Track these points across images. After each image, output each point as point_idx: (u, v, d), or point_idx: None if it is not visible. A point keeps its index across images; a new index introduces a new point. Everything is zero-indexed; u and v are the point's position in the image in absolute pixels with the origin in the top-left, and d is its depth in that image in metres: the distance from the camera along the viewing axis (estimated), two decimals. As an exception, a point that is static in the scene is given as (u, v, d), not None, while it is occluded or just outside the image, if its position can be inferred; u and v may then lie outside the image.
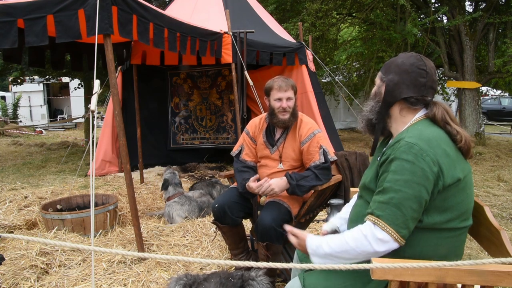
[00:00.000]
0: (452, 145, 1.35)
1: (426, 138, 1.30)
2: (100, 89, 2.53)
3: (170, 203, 3.94)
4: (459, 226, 1.35)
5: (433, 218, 1.31)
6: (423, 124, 1.40)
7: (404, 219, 1.24)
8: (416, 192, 1.24)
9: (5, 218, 3.74)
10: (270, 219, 2.29)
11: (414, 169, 1.25)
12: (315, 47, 9.44)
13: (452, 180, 1.28)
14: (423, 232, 1.33)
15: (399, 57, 1.48)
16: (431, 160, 1.25)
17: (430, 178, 1.25)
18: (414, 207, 1.25)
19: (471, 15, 8.55)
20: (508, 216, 4.05)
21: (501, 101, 17.96)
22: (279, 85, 2.48)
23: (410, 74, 1.42)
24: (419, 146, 1.27)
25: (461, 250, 1.43)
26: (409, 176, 1.25)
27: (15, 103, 18.52)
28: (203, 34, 4.50)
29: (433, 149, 1.27)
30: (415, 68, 1.42)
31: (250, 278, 1.50)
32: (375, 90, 1.52)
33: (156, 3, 12.06)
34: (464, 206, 1.34)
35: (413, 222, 1.27)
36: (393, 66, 1.47)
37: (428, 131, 1.35)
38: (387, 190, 1.29)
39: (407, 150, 1.28)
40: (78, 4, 2.83)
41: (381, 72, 1.51)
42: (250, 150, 2.67)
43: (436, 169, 1.25)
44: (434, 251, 1.34)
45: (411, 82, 1.42)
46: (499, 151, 8.30)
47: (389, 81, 1.46)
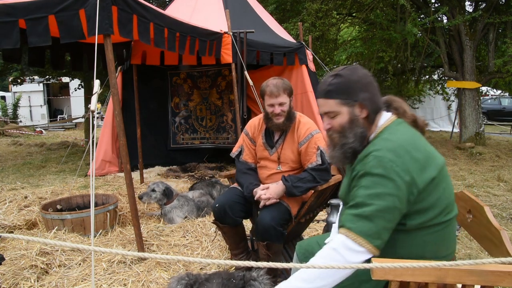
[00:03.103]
0: (420, 143, 1.36)
1: (392, 149, 1.30)
2: (100, 89, 2.54)
3: (170, 208, 3.92)
4: (443, 220, 1.35)
5: (416, 220, 1.32)
6: (391, 130, 1.41)
7: (376, 229, 1.24)
8: (389, 203, 1.25)
9: (5, 218, 3.74)
10: (270, 218, 2.29)
11: (384, 182, 1.26)
12: (315, 47, 9.43)
13: (425, 183, 1.29)
14: (409, 233, 1.34)
15: (351, 75, 1.43)
16: (401, 170, 1.26)
17: (402, 187, 1.25)
18: (387, 218, 1.25)
19: (471, 15, 8.55)
20: (508, 216, 4.05)
21: (501, 101, 17.96)
22: (270, 91, 2.44)
23: (371, 83, 1.46)
24: (387, 158, 1.28)
25: (451, 241, 1.43)
26: (381, 189, 1.26)
27: (15, 103, 18.52)
28: (203, 34, 4.50)
29: (401, 158, 1.27)
30: (369, 77, 1.46)
31: (252, 279, 1.50)
32: (349, 118, 1.43)
33: (156, 3, 12.06)
34: (444, 200, 1.35)
35: (387, 232, 1.26)
36: (353, 85, 1.42)
37: (395, 138, 1.35)
38: (359, 204, 1.28)
39: (376, 164, 1.28)
40: (79, 4, 2.83)
41: (340, 99, 1.42)
42: (250, 151, 2.67)
43: (408, 178, 1.26)
44: (423, 248, 1.36)
45: (376, 90, 1.46)
46: (499, 151, 8.30)
47: (364, 100, 1.43)
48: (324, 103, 1.47)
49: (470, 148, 8.50)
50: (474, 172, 6.42)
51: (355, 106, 1.43)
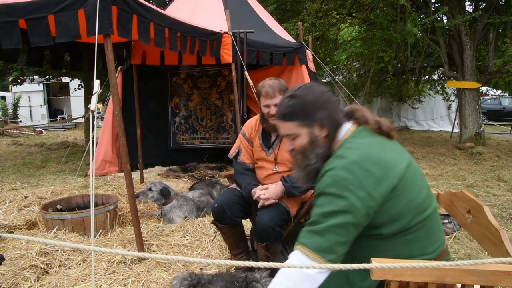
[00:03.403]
0: (376, 155, 1.34)
1: (346, 166, 1.30)
2: (100, 89, 2.54)
3: (169, 208, 3.92)
4: (421, 218, 1.36)
5: (390, 228, 1.33)
6: (347, 144, 1.40)
7: (328, 244, 1.25)
8: (340, 220, 1.25)
9: (5, 218, 3.74)
10: (268, 219, 2.29)
11: (337, 201, 1.27)
12: (315, 47, 9.43)
13: (384, 194, 1.29)
14: (390, 239, 1.35)
15: (306, 95, 1.43)
16: (354, 187, 1.26)
17: (356, 203, 1.25)
18: (339, 233, 1.26)
19: (471, 15, 8.55)
20: (508, 216, 4.05)
21: (501, 101, 17.96)
22: (266, 91, 2.44)
23: (329, 100, 1.45)
24: (340, 177, 1.28)
25: (436, 234, 1.43)
26: (333, 207, 1.27)
27: (15, 103, 18.53)
28: (203, 34, 4.50)
29: (354, 174, 1.27)
30: (325, 94, 1.46)
31: (254, 280, 1.49)
32: (309, 139, 1.43)
33: (156, 3, 12.06)
34: (414, 201, 1.34)
35: (342, 246, 1.27)
36: (310, 106, 1.42)
37: (348, 154, 1.34)
38: (313, 222, 1.30)
39: (330, 183, 1.30)
40: (78, 4, 2.83)
41: (298, 121, 1.42)
42: (247, 152, 2.67)
43: (363, 193, 1.26)
44: (408, 248, 1.36)
45: (335, 105, 1.46)
46: (499, 151, 8.30)
47: (323, 119, 1.42)
48: (282, 125, 1.47)
49: (470, 148, 8.50)
50: (474, 172, 6.42)
51: (314, 127, 1.43)
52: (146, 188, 3.99)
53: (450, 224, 3.55)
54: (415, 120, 15.65)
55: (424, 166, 6.96)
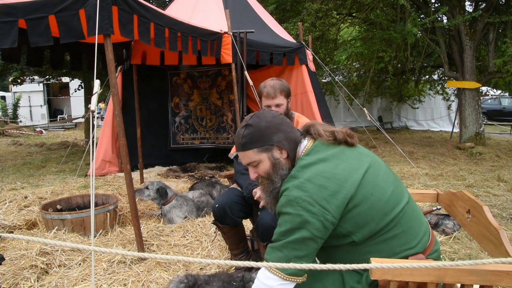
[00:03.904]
0: (329, 169, 1.37)
1: (298, 185, 1.35)
2: (100, 89, 2.54)
3: (169, 208, 3.92)
4: (392, 217, 1.37)
5: (360, 233, 1.36)
6: (301, 163, 1.44)
7: (286, 259, 1.31)
8: (296, 236, 1.31)
9: (5, 218, 3.75)
10: (270, 219, 2.29)
11: (292, 219, 1.32)
12: (315, 47, 9.44)
13: (341, 206, 1.32)
14: (366, 242, 1.38)
15: (259, 122, 1.48)
16: (307, 203, 1.31)
17: (310, 219, 1.30)
18: (297, 247, 1.32)
19: (471, 15, 8.55)
20: (508, 216, 4.05)
21: (501, 101, 17.97)
22: (267, 92, 2.44)
23: (282, 123, 1.50)
24: (293, 196, 1.33)
25: (416, 227, 1.43)
26: (289, 226, 1.33)
27: (15, 103, 18.54)
28: (203, 34, 4.51)
29: (307, 192, 1.32)
30: (278, 117, 1.51)
31: (251, 280, 1.50)
32: (271, 163, 1.48)
33: (156, 3, 12.06)
34: (378, 205, 1.36)
35: (300, 260, 1.32)
36: (265, 131, 1.46)
37: (301, 174, 1.38)
38: (274, 240, 1.38)
39: (285, 203, 1.35)
40: (79, 4, 2.83)
41: (257, 148, 1.46)
42: None
43: (316, 209, 1.30)
44: (389, 246, 1.38)
45: (290, 126, 1.52)
46: (499, 151, 8.30)
47: (279, 141, 1.47)
48: (243, 155, 1.51)
49: (470, 148, 8.50)
50: (474, 172, 6.42)
51: (273, 150, 1.47)
52: (143, 187, 4.01)
53: (450, 224, 3.55)
54: (415, 120, 15.66)
55: (424, 166, 6.96)
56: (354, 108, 11.29)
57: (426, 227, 1.49)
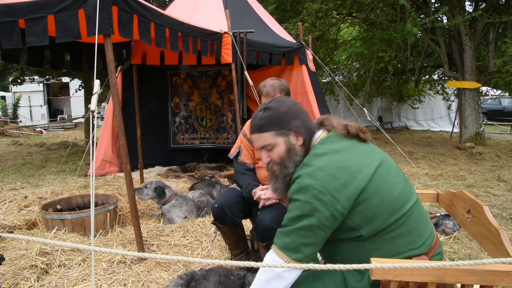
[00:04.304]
0: (342, 160, 1.38)
1: (311, 173, 1.35)
2: (100, 89, 2.54)
3: (168, 208, 3.92)
4: (400, 214, 1.37)
5: (368, 228, 1.36)
6: (314, 151, 1.45)
7: (294, 245, 1.34)
8: (304, 223, 1.32)
9: (5, 218, 3.74)
10: (269, 219, 2.29)
11: (302, 206, 1.33)
12: (315, 47, 9.44)
13: (351, 197, 1.33)
14: (373, 238, 1.37)
15: (279, 106, 1.49)
16: (318, 192, 1.31)
17: (320, 208, 1.30)
18: (304, 235, 1.33)
19: (471, 15, 8.55)
20: (508, 216, 4.05)
21: (501, 101, 17.97)
22: (267, 91, 2.46)
23: (301, 111, 1.53)
24: (305, 183, 1.34)
25: (422, 227, 1.43)
26: (298, 212, 1.34)
27: (15, 103, 18.53)
28: (203, 34, 4.51)
29: (318, 180, 1.33)
30: (297, 105, 1.54)
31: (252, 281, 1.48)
32: (286, 148, 1.48)
33: (156, 3, 12.06)
34: (388, 201, 1.36)
35: (308, 248, 1.34)
36: (284, 116, 1.48)
37: (314, 162, 1.39)
38: (283, 225, 1.40)
39: (297, 190, 1.36)
40: (79, 4, 2.83)
41: (274, 131, 1.47)
42: (248, 152, 2.67)
43: (327, 198, 1.31)
44: (394, 244, 1.38)
45: (307, 116, 1.54)
46: (499, 151, 8.30)
47: (298, 127, 1.48)
48: (259, 137, 1.50)
49: (470, 148, 8.50)
50: (474, 172, 6.42)
51: (290, 135, 1.48)
52: (143, 186, 4.03)
53: (450, 224, 3.55)
54: (415, 120, 15.66)
55: (424, 166, 6.96)
56: (354, 108, 11.28)
57: (432, 229, 1.50)
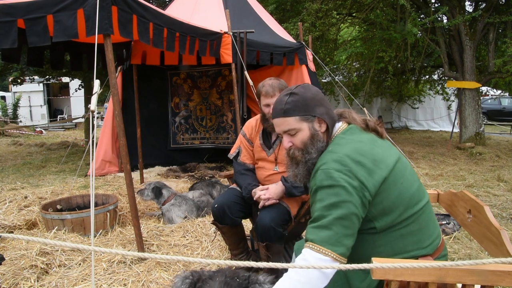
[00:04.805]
0: (366, 149, 1.39)
1: (337, 159, 1.35)
2: (100, 89, 2.54)
3: (168, 207, 3.92)
4: (413, 212, 1.38)
5: (383, 220, 1.36)
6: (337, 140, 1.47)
7: (337, 237, 1.26)
8: (345, 210, 1.28)
9: (5, 218, 3.74)
10: (269, 219, 2.29)
11: (336, 191, 1.30)
12: (315, 47, 9.43)
13: (376, 184, 1.33)
14: (384, 233, 1.38)
15: (305, 92, 1.49)
16: (348, 177, 1.30)
17: (353, 193, 1.29)
18: (345, 224, 1.28)
19: (471, 15, 8.55)
20: (508, 216, 4.05)
21: (501, 101, 17.96)
22: (266, 90, 2.46)
23: (324, 99, 1.53)
24: (334, 169, 1.33)
25: (431, 228, 1.45)
26: (334, 199, 1.29)
27: (15, 103, 18.52)
28: (203, 34, 4.50)
29: (346, 166, 1.32)
30: (321, 93, 1.54)
31: (258, 283, 1.47)
32: (310, 133, 1.47)
33: (156, 3, 12.06)
34: (405, 195, 1.37)
35: (348, 239, 1.28)
36: (310, 102, 1.47)
37: (339, 149, 1.40)
38: (317, 218, 1.32)
39: (325, 177, 1.33)
40: (78, 4, 2.82)
41: (299, 116, 1.46)
42: (247, 152, 2.67)
43: (356, 183, 1.30)
44: (403, 242, 1.38)
45: (330, 104, 1.54)
46: (499, 151, 8.30)
47: (322, 114, 1.48)
48: (282, 121, 1.49)
49: (470, 148, 8.50)
50: (474, 172, 6.42)
51: (314, 121, 1.48)
52: (144, 187, 4.06)
53: (450, 224, 3.55)
54: (415, 120, 15.65)
55: (424, 166, 6.96)
56: (354, 108, 11.22)
57: (439, 231, 1.51)
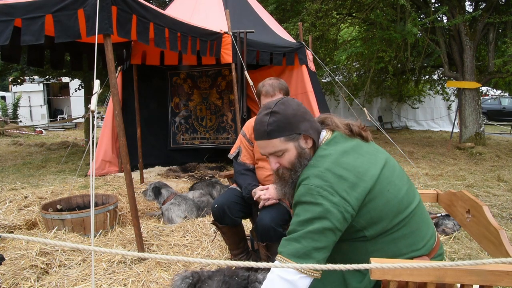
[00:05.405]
0: (348, 161, 1.36)
1: (318, 174, 1.32)
2: (100, 89, 2.54)
3: (167, 206, 3.93)
4: (404, 216, 1.37)
5: (373, 229, 1.35)
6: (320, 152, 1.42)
7: (305, 250, 1.25)
8: (317, 226, 1.26)
9: (5, 218, 3.74)
10: (269, 219, 2.29)
11: (312, 208, 1.28)
12: (315, 47, 9.43)
13: (360, 198, 1.30)
14: (376, 239, 1.36)
15: (286, 109, 1.43)
16: (328, 193, 1.28)
17: (331, 209, 1.26)
18: (316, 238, 1.26)
19: (471, 15, 8.55)
20: (508, 216, 4.05)
21: (501, 101, 17.96)
22: (266, 90, 2.46)
23: (306, 111, 1.48)
24: (314, 185, 1.30)
25: (424, 229, 1.43)
26: (309, 215, 1.28)
27: (15, 103, 18.53)
28: (203, 34, 4.50)
29: (327, 181, 1.29)
30: (301, 106, 1.48)
31: (257, 281, 1.48)
32: (297, 152, 1.42)
33: (156, 3, 12.06)
34: (393, 202, 1.35)
35: (320, 252, 1.27)
36: (292, 119, 1.42)
37: (320, 163, 1.36)
38: (290, 231, 1.32)
39: (305, 192, 1.32)
40: (78, 4, 2.82)
41: (284, 136, 1.41)
42: (248, 152, 2.67)
43: (337, 199, 1.27)
44: (396, 245, 1.37)
45: (312, 116, 1.49)
46: (499, 151, 8.30)
47: (306, 130, 1.43)
48: (267, 144, 1.44)
49: (470, 148, 8.50)
50: (474, 172, 6.42)
51: (300, 139, 1.43)
52: (146, 187, 4.10)
53: (450, 224, 3.55)
54: (415, 120, 15.66)
55: (424, 166, 6.96)
56: (354, 108, 11.27)
57: (433, 230, 1.49)
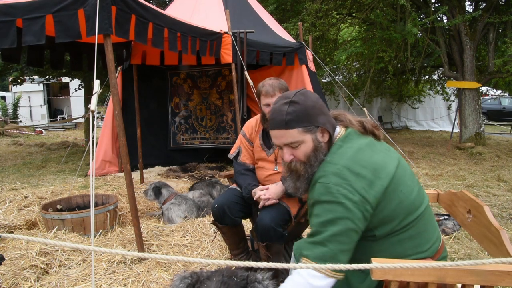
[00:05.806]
0: (365, 157, 1.34)
1: (337, 172, 1.29)
2: (100, 89, 2.53)
3: (168, 206, 3.93)
4: (413, 218, 1.36)
5: (383, 229, 1.34)
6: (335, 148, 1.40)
7: (332, 253, 1.24)
8: (341, 227, 1.25)
9: (5, 218, 3.74)
10: (269, 219, 2.29)
11: (333, 208, 1.26)
12: (315, 47, 9.43)
13: (377, 196, 1.29)
14: (383, 240, 1.36)
15: (306, 100, 1.39)
16: (348, 191, 1.25)
17: (353, 208, 1.25)
18: (341, 241, 1.25)
19: (471, 15, 8.55)
20: (508, 216, 4.05)
21: (501, 101, 17.97)
22: (266, 90, 2.45)
23: (324, 105, 1.45)
24: (333, 183, 1.28)
25: (430, 232, 1.43)
26: (331, 215, 1.26)
27: (15, 103, 18.53)
28: (203, 34, 4.50)
29: (346, 179, 1.27)
30: (320, 99, 1.45)
31: (257, 281, 1.47)
32: (314, 145, 1.38)
33: (156, 3, 12.06)
34: (405, 203, 1.34)
35: (344, 254, 1.26)
36: (311, 111, 1.38)
37: (337, 160, 1.34)
38: (313, 233, 1.30)
39: (324, 191, 1.29)
40: (78, 4, 2.82)
41: (302, 127, 1.36)
42: (248, 152, 2.67)
43: (357, 197, 1.25)
44: (402, 247, 1.36)
45: (327, 109, 1.46)
46: (499, 151, 8.30)
47: (325, 124, 1.40)
48: (284, 134, 1.39)
49: (470, 148, 8.50)
50: (474, 172, 6.42)
51: (317, 132, 1.40)
52: (147, 187, 4.11)
53: (450, 224, 3.55)
54: (415, 120, 15.66)
55: (424, 166, 6.96)
56: (354, 108, 11.26)
57: (439, 233, 1.49)
